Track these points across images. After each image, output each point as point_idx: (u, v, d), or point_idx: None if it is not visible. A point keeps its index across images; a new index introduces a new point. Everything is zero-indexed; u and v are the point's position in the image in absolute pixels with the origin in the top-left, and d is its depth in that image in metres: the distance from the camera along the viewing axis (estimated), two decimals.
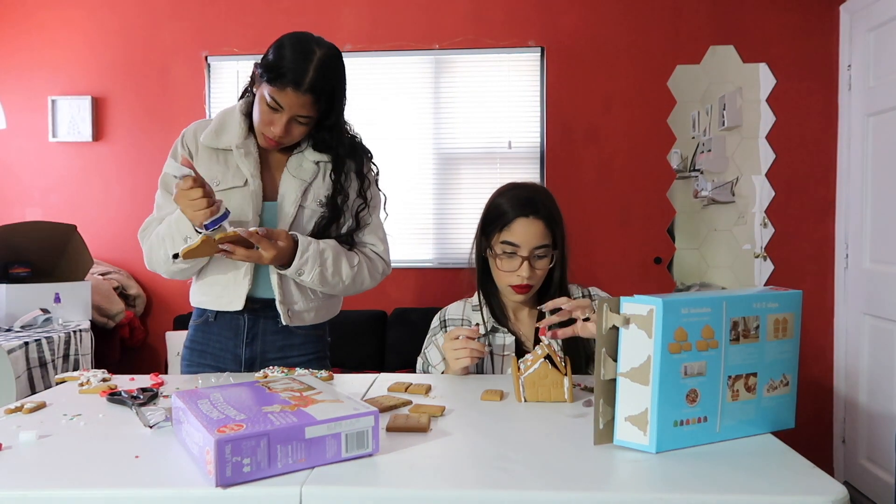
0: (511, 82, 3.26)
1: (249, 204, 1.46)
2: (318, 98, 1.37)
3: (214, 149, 1.50)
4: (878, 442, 2.76)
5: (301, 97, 1.35)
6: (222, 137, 1.49)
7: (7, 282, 2.63)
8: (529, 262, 1.39)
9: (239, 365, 1.54)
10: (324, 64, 1.36)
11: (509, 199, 1.44)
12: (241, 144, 1.48)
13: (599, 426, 0.93)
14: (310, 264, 1.42)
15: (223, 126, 1.50)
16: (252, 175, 1.47)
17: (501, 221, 1.42)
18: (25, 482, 0.81)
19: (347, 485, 0.80)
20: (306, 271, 1.42)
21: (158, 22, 3.31)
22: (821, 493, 0.76)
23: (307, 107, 1.38)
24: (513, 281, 1.41)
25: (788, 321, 1.00)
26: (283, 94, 1.35)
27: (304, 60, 1.35)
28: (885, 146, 2.76)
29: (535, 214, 1.40)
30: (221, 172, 1.48)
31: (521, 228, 1.40)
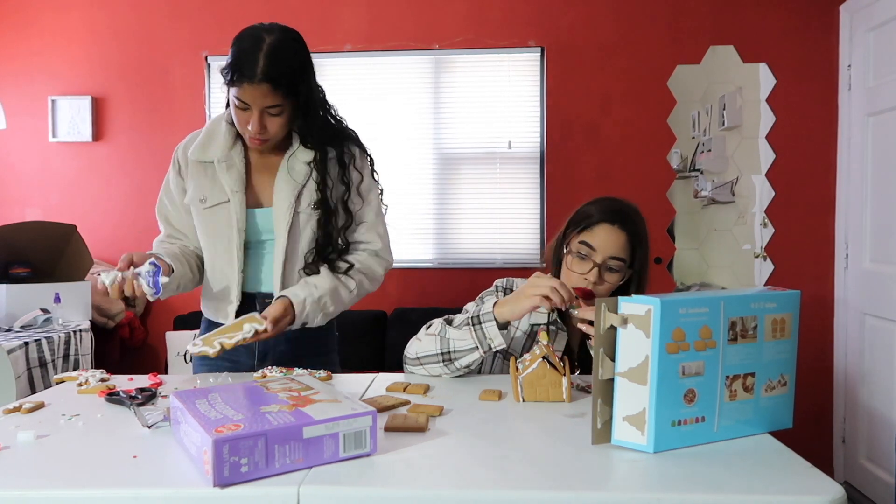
0: (511, 82, 3.26)
1: (232, 221, 1.46)
2: (277, 84, 1.33)
3: (202, 162, 1.48)
4: (878, 442, 2.76)
5: (258, 88, 1.32)
6: (208, 150, 1.47)
7: (7, 282, 2.63)
8: (600, 269, 1.35)
9: (253, 357, 1.54)
10: (274, 49, 1.34)
11: (599, 206, 1.40)
12: (224, 157, 1.46)
13: (597, 426, 0.93)
14: (311, 317, 1.44)
15: (210, 137, 1.48)
16: (234, 190, 1.45)
17: (585, 223, 1.39)
18: (24, 482, 0.81)
19: (345, 485, 0.80)
20: (310, 321, 1.45)
21: (158, 22, 3.32)
22: (818, 493, 0.76)
23: (269, 96, 1.34)
24: (578, 283, 1.35)
25: (786, 321, 1.00)
26: (242, 90, 1.33)
27: (253, 52, 1.33)
28: (885, 146, 2.75)
29: (620, 225, 1.37)
30: (209, 188, 1.47)
31: (602, 233, 1.36)
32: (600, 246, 1.36)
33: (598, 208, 1.39)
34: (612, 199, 1.43)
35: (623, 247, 1.36)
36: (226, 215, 1.46)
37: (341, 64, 3.30)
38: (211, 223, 1.48)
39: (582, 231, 1.38)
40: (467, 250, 3.32)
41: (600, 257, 1.35)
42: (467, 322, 1.31)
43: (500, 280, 1.50)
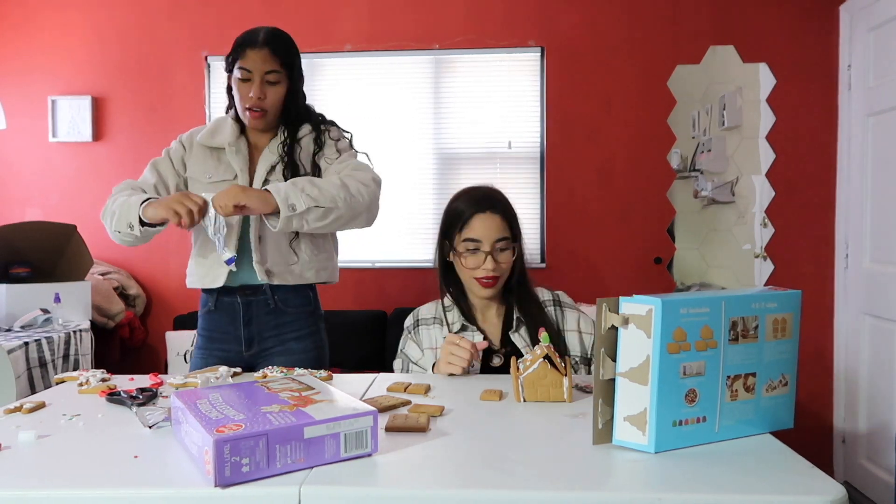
0: (511, 82, 3.26)
1: None
2: (275, 50, 1.55)
3: (209, 147, 1.66)
4: (878, 442, 2.76)
5: (260, 51, 1.54)
6: (216, 137, 1.65)
7: (7, 282, 2.63)
8: (492, 256, 1.46)
9: (240, 344, 1.66)
10: (272, 30, 1.59)
11: (465, 200, 1.51)
12: (233, 143, 1.64)
13: (598, 426, 0.93)
14: (293, 195, 1.45)
15: (217, 128, 1.67)
16: (241, 170, 1.62)
17: (460, 221, 1.48)
18: (24, 482, 0.81)
19: (346, 485, 0.80)
20: (294, 201, 1.45)
21: (158, 22, 3.31)
22: (819, 494, 0.76)
23: (269, 60, 1.55)
24: (478, 274, 1.47)
25: (787, 321, 1.00)
26: (246, 59, 1.55)
27: (254, 31, 1.58)
28: (885, 146, 2.75)
29: (491, 210, 1.48)
30: (214, 167, 1.64)
31: (479, 224, 1.47)
32: (483, 235, 1.46)
33: (464, 203, 1.50)
34: (471, 189, 1.55)
35: (501, 227, 1.47)
36: None
37: (341, 64, 3.30)
38: None
39: (462, 229, 1.48)
40: None
41: (488, 245, 1.46)
42: None
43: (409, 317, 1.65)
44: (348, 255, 3.27)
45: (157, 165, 1.68)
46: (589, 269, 3.17)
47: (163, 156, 1.70)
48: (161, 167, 1.68)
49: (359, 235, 3.28)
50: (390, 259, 3.31)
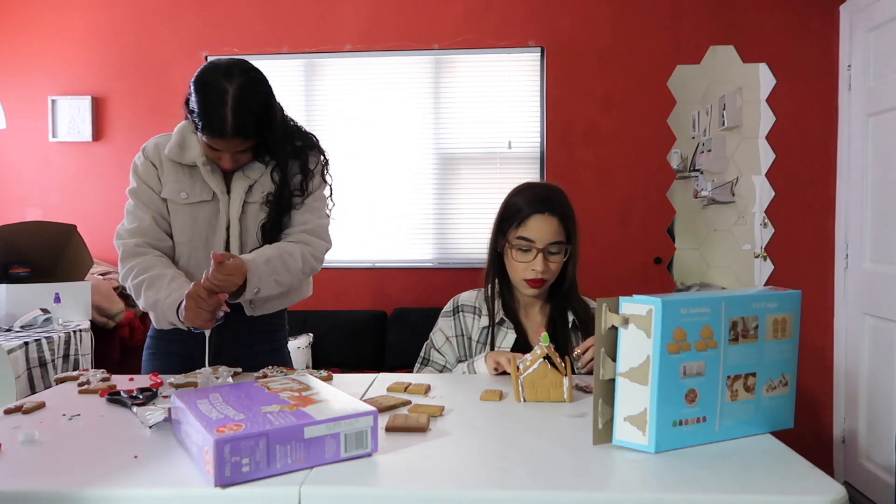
0: (511, 82, 3.26)
1: (217, 218, 1.51)
2: (246, 134, 1.38)
3: (179, 163, 1.51)
4: (878, 442, 2.76)
5: (230, 141, 1.38)
6: (186, 153, 1.50)
7: (7, 282, 2.63)
8: (544, 257, 1.45)
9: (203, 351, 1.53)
10: (239, 102, 1.36)
11: (525, 197, 1.49)
12: (206, 161, 1.49)
13: (598, 426, 0.93)
14: (265, 280, 1.41)
15: (185, 142, 1.50)
16: (221, 191, 1.50)
17: (518, 218, 1.48)
18: (25, 482, 0.81)
19: (346, 485, 0.80)
20: (262, 287, 1.42)
21: (158, 22, 3.31)
22: (820, 494, 0.76)
23: (240, 143, 1.40)
24: (527, 275, 1.46)
25: (787, 321, 1.00)
26: (214, 141, 1.38)
27: (219, 107, 1.35)
28: (885, 146, 2.75)
29: (550, 211, 1.46)
30: (189, 186, 1.50)
31: (536, 224, 1.45)
32: (538, 237, 1.45)
33: (525, 200, 1.48)
34: (533, 186, 1.53)
35: (557, 230, 1.46)
36: (207, 212, 1.51)
37: (341, 64, 3.30)
38: (191, 218, 1.51)
39: (518, 227, 1.47)
40: (467, 250, 3.32)
41: (540, 246, 1.45)
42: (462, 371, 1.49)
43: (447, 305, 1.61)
44: (348, 255, 3.28)
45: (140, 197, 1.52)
46: (589, 269, 3.16)
47: (136, 183, 1.53)
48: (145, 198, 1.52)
49: (359, 235, 3.29)
50: (390, 259, 3.31)
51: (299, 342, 3.05)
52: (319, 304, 3.27)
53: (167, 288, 1.40)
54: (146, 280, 1.44)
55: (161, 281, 1.42)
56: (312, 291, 1.72)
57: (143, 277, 1.44)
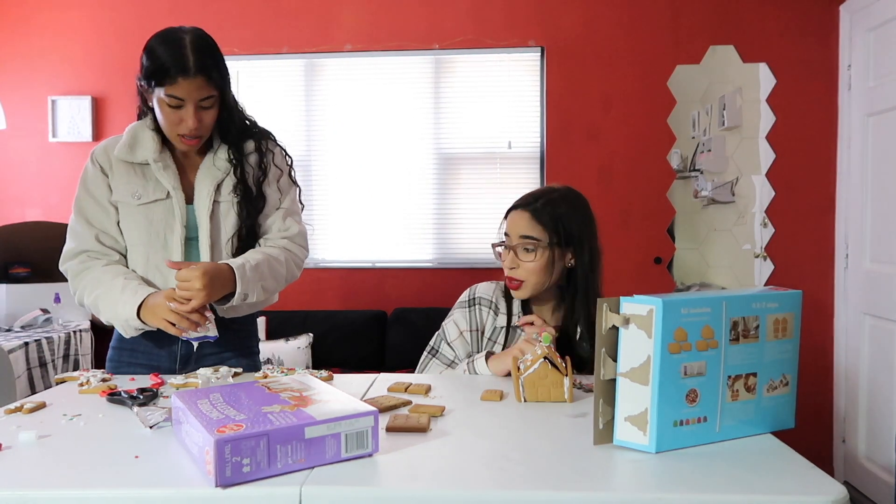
0: (511, 82, 3.26)
1: (174, 215, 1.47)
2: (209, 75, 1.38)
3: (130, 163, 1.48)
4: (878, 442, 2.76)
5: (193, 81, 1.36)
6: (137, 152, 1.47)
7: (7, 282, 2.63)
8: (514, 254, 1.44)
9: (174, 361, 1.52)
10: (197, 44, 1.39)
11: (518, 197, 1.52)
12: (158, 158, 1.46)
13: (599, 426, 0.92)
14: (252, 286, 1.40)
15: (136, 141, 1.48)
16: (174, 187, 1.46)
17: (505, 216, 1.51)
18: (25, 482, 0.81)
19: (347, 485, 0.80)
20: (250, 292, 1.40)
21: (158, 22, 3.28)
22: (821, 493, 0.76)
23: (203, 87, 1.38)
24: (505, 273, 1.46)
25: (788, 321, 1.00)
26: (177, 86, 1.35)
27: (178, 48, 1.36)
28: (885, 146, 2.75)
29: (523, 207, 1.47)
30: (141, 186, 1.47)
31: (511, 219, 1.48)
32: (511, 230, 1.47)
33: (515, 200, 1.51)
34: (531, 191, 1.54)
35: (528, 225, 1.44)
36: (162, 211, 1.47)
37: (341, 64, 3.30)
38: (146, 219, 1.47)
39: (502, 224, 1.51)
40: (467, 250, 3.32)
41: (513, 240, 1.45)
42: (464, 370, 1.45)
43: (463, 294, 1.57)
44: (348, 255, 3.28)
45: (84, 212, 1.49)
46: None
47: (81, 195, 1.49)
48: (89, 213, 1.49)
49: (359, 235, 3.29)
50: (390, 259, 3.31)
51: (299, 342, 3.05)
52: (319, 304, 3.27)
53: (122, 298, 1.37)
54: (99, 296, 1.41)
55: (112, 293, 1.39)
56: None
57: (95, 294, 1.42)
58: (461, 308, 1.54)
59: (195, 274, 1.30)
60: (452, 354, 1.52)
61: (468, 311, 1.53)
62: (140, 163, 1.47)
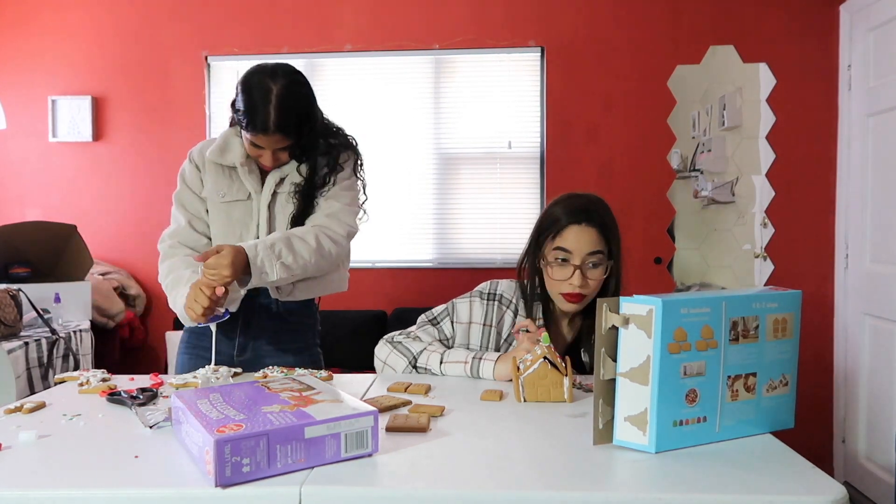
0: (511, 82, 3.26)
1: (251, 217, 1.59)
2: (288, 132, 1.46)
3: (220, 164, 1.59)
4: (878, 442, 2.76)
5: (272, 137, 1.46)
6: (227, 155, 1.58)
7: (7, 282, 2.63)
8: (582, 271, 1.38)
9: (233, 348, 1.61)
10: (282, 99, 1.45)
11: (564, 208, 1.43)
12: (244, 163, 1.57)
13: (599, 426, 0.93)
14: (268, 264, 1.42)
15: (227, 145, 1.59)
16: (255, 191, 1.58)
17: (554, 228, 1.41)
18: (25, 482, 0.81)
19: (347, 485, 0.80)
20: (268, 271, 1.43)
21: (158, 22, 3.31)
22: (820, 493, 0.76)
23: (281, 141, 1.48)
24: (564, 289, 1.39)
25: (788, 321, 1.00)
26: (257, 137, 1.46)
27: (263, 104, 1.43)
28: (885, 146, 2.75)
29: (588, 222, 1.40)
30: (227, 186, 1.59)
31: (573, 235, 1.39)
32: (575, 247, 1.38)
33: (563, 210, 1.43)
34: (573, 197, 1.47)
35: (596, 241, 1.39)
36: (242, 211, 1.58)
37: (341, 64, 3.30)
38: (226, 215, 1.59)
39: (554, 237, 1.41)
40: (467, 250, 3.32)
41: (578, 259, 1.38)
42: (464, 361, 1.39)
43: (485, 284, 1.52)
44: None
45: (182, 200, 1.62)
46: None
47: (180, 186, 1.63)
48: (185, 201, 1.62)
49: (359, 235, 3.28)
50: (390, 259, 3.31)
51: None
52: None
53: (183, 289, 1.45)
54: (171, 282, 1.52)
55: (180, 283, 1.49)
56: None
57: (169, 279, 1.53)
58: (480, 298, 1.49)
59: (224, 262, 1.35)
60: (451, 334, 1.48)
61: (486, 304, 1.49)
62: (228, 165, 1.59)
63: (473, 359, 1.38)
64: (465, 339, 1.48)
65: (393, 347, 1.46)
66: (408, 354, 1.43)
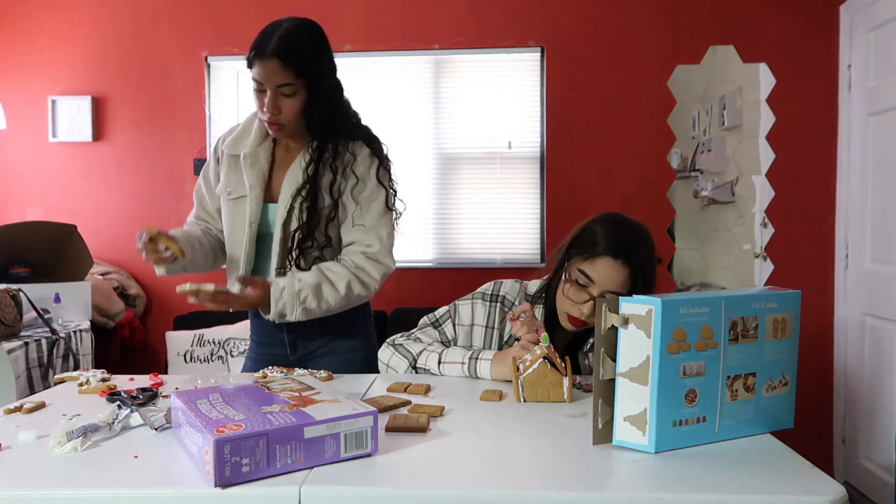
0: (511, 82, 3.25)
1: (245, 213, 1.52)
2: (286, 61, 1.39)
3: (234, 156, 1.54)
4: (878, 442, 2.76)
5: (269, 64, 1.38)
6: (239, 144, 1.54)
7: (7, 282, 2.63)
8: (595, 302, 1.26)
9: (285, 347, 1.60)
10: (289, 31, 1.41)
11: (606, 232, 1.34)
12: (249, 154, 1.51)
13: (598, 426, 0.93)
14: (289, 308, 1.44)
15: (243, 132, 1.55)
16: (251, 186, 1.50)
17: (587, 251, 1.33)
18: (25, 482, 0.81)
19: (346, 485, 0.80)
20: (288, 313, 1.45)
21: (158, 22, 3.31)
22: (820, 494, 0.76)
23: (279, 73, 1.39)
24: (573, 311, 1.35)
25: (787, 321, 1.00)
26: (257, 68, 1.40)
27: (269, 33, 1.41)
28: (885, 146, 2.75)
29: (624, 260, 1.31)
30: (234, 182, 1.54)
31: (603, 267, 1.31)
32: (600, 280, 1.32)
33: (604, 235, 1.33)
34: (619, 224, 1.37)
35: (623, 283, 1.32)
36: (243, 208, 1.52)
37: (341, 64, 3.20)
38: (231, 214, 1.55)
39: (585, 259, 1.33)
40: (467, 250, 3.32)
41: (597, 290, 1.32)
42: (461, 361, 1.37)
43: (488, 285, 1.51)
44: None
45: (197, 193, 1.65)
46: None
47: (200, 179, 1.64)
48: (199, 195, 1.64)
49: None
50: None
51: None
52: None
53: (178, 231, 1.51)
54: None
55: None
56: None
57: None
58: (482, 300, 1.48)
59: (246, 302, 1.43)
60: (452, 336, 1.48)
61: (488, 305, 1.47)
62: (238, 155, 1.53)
63: (470, 359, 1.36)
64: (466, 341, 1.48)
65: (395, 350, 1.46)
66: (408, 356, 1.43)
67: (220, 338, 3.06)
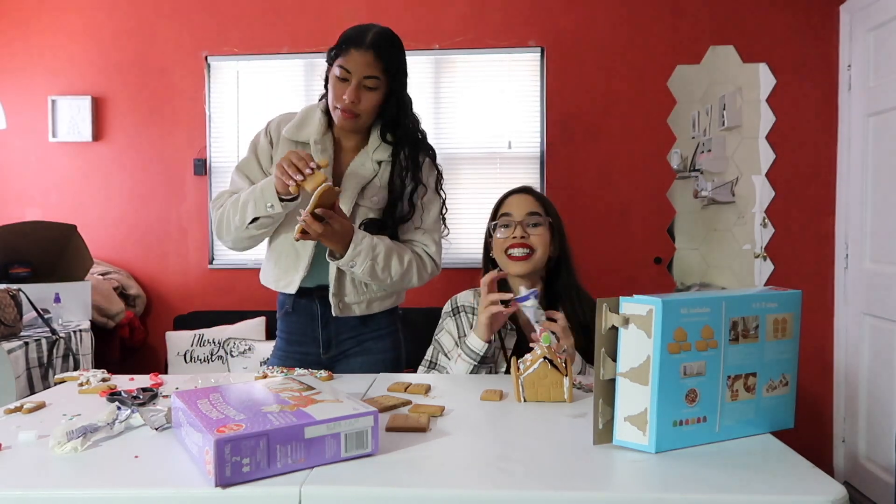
0: (511, 82, 3.25)
1: None
2: (379, 55, 1.48)
3: (294, 141, 1.58)
4: (878, 442, 2.76)
5: (364, 55, 1.47)
6: (303, 131, 1.58)
7: (7, 282, 2.63)
8: (523, 227, 1.52)
9: (318, 346, 1.63)
10: (384, 31, 1.53)
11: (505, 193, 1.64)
12: (318, 140, 1.57)
13: (599, 426, 0.93)
14: (362, 256, 1.46)
15: (305, 120, 1.60)
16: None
17: (498, 204, 1.61)
18: (25, 482, 0.81)
19: (347, 485, 0.80)
20: (358, 263, 1.47)
21: (158, 22, 3.31)
22: (820, 493, 0.76)
23: (371, 65, 1.47)
24: (508, 243, 1.52)
25: (788, 321, 1.00)
26: (348, 57, 1.47)
27: (365, 30, 1.52)
28: (885, 146, 2.75)
29: (525, 192, 1.59)
30: None
31: (513, 201, 1.58)
32: (515, 210, 1.56)
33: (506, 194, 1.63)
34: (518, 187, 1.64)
35: (533, 203, 1.56)
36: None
37: None
38: None
39: (498, 210, 1.59)
40: (467, 250, 3.31)
41: (519, 217, 1.54)
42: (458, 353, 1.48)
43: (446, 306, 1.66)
44: None
45: (244, 170, 1.61)
46: (589, 270, 3.16)
47: (248, 155, 1.62)
48: (248, 171, 1.61)
49: None
50: None
51: None
52: None
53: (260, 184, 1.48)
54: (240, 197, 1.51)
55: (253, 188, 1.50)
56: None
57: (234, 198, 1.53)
58: (448, 318, 1.62)
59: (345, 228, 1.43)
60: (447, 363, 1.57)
61: (454, 319, 1.61)
62: (303, 142, 1.58)
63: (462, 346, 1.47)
64: None
65: None
66: None
67: (220, 338, 3.06)
